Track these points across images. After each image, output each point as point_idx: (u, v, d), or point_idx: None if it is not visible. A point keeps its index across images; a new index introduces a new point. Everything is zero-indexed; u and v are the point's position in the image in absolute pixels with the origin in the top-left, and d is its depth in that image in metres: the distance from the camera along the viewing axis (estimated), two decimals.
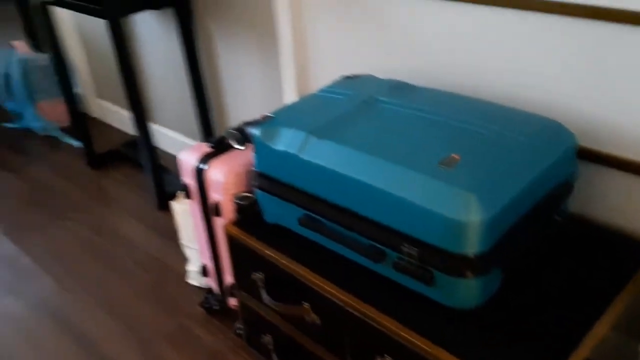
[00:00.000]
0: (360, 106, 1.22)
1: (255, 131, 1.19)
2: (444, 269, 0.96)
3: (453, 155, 1.00)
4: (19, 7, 3.04)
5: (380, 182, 1.01)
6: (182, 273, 1.90)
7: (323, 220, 1.13)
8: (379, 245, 1.05)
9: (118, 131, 2.89)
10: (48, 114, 2.84)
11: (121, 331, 1.70)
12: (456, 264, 0.94)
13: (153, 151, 2.14)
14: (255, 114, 2.11)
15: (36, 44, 3.04)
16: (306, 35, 1.76)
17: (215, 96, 2.24)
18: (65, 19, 2.79)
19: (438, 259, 0.96)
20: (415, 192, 0.97)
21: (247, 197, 1.32)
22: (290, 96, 1.88)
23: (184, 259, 1.95)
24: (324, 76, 1.77)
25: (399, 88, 1.30)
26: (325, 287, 1.12)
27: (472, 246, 0.93)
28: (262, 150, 1.18)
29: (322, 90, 1.34)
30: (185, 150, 1.48)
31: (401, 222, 0.99)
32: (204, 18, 2.09)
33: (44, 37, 2.35)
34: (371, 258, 1.06)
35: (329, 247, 1.17)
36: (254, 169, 1.23)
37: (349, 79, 1.42)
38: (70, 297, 1.85)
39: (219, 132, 2.33)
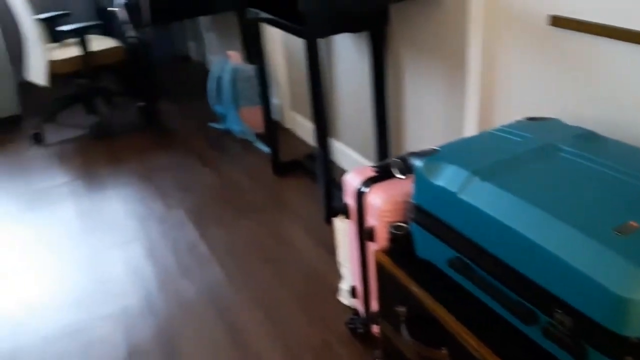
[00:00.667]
0: (537, 152, 1.13)
1: (417, 163, 1.17)
2: (600, 348, 0.84)
3: (631, 222, 0.88)
4: (239, 21, 3.38)
5: (541, 238, 0.92)
6: (335, 289, 1.94)
7: (474, 266, 1.07)
8: (529, 305, 0.96)
9: (304, 143, 3.05)
10: (247, 119, 3.12)
11: (271, 332, 1.78)
12: (615, 345, 0.82)
13: (329, 166, 2.22)
14: (432, 143, 2.07)
15: (248, 56, 3.36)
16: (496, 71, 1.69)
17: (395, 120, 2.26)
18: (275, 34, 3.04)
19: (594, 335, 0.85)
20: (580, 257, 0.87)
21: (402, 227, 1.30)
22: (470, 130, 1.82)
23: (339, 276, 1.99)
24: (508, 114, 1.68)
25: (585, 138, 1.17)
26: (467, 337, 1.05)
27: (636, 329, 0.80)
28: (422, 183, 1.16)
29: (500, 129, 1.27)
30: (351, 171, 1.51)
31: (558, 285, 0.89)
32: (396, 44, 2.12)
33: (254, 49, 2.57)
34: (519, 317, 0.97)
35: (477, 295, 1.10)
36: (411, 200, 1.21)
37: (532, 120, 1.32)
38: (233, 290, 1.99)
39: (394, 155, 2.34)
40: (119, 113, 3.71)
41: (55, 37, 3.50)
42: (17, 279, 2.18)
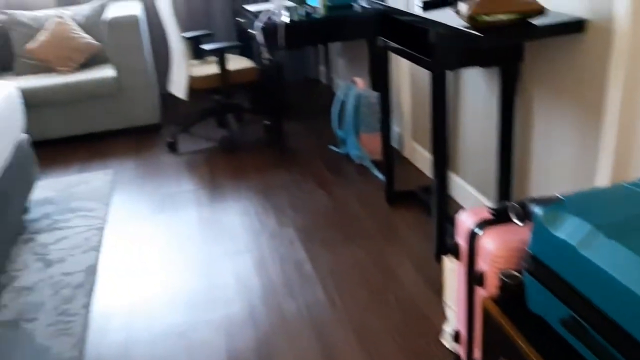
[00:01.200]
0: None
1: (538, 210, 1.10)
2: None
3: None
4: (369, 48, 3.43)
5: None
6: (438, 330, 1.87)
7: (589, 328, 0.98)
8: None
9: (422, 174, 3.01)
10: (366, 145, 3.13)
11: None
12: None
13: (444, 200, 2.16)
14: (557, 190, 1.95)
15: (373, 83, 3.39)
16: (636, 121, 1.56)
17: (520, 162, 2.15)
18: (402, 63, 3.04)
19: None
20: None
21: (514, 276, 1.23)
22: (601, 181, 1.69)
23: (442, 316, 1.91)
24: None
25: None
26: None
27: None
28: (541, 232, 1.09)
29: (634, 183, 1.16)
30: (466, 211, 1.45)
31: None
32: (528, 82, 2.03)
33: (379, 77, 2.59)
34: None
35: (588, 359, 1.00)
36: (527, 249, 1.14)
37: None
38: (333, 313, 1.99)
39: (516, 198, 2.23)
40: (246, 129, 3.90)
41: (198, 54, 3.77)
42: (139, 275, 2.34)
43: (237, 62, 3.63)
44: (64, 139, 3.87)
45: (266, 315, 2.02)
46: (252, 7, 3.73)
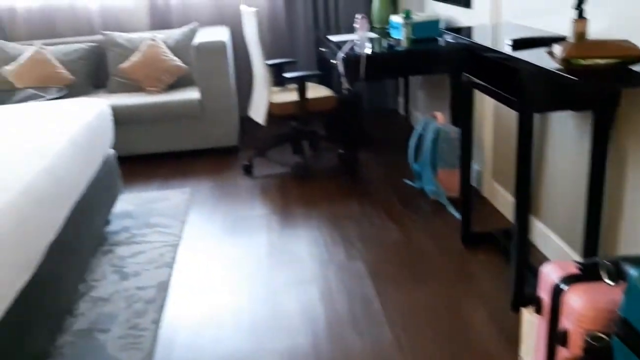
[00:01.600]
0: None
1: (633, 271, 1.02)
2: None
3: None
4: (451, 83, 3.37)
5: None
6: None
7: None
8: None
9: (501, 216, 2.90)
10: (443, 181, 3.06)
11: None
12: None
13: (525, 246, 2.06)
14: None
15: (453, 118, 3.32)
16: None
17: (611, 214, 2.02)
18: (484, 99, 2.97)
19: None
20: None
21: (601, 338, 1.14)
22: None
23: None
24: None
25: None
26: None
27: None
28: (635, 295, 1.00)
29: None
30: (551, 263, 1.37)
31: None
32: (623, 129, 1.92)
33: (462, 113, 2.54)
34: None
35: None
36: (618, 312, 1.05)
37: None
38: (397, 352, 1.93)
39: (603, 253, 2.09)
40: (321, 157, 3.92)
41: (279, 81, 3.84)
42: (207, 295, 2.37)
43: (316, 91, 3.67)
44: (147, 155, 4.03)
45: (330, 350, 1.99)
46: (334, 38, 3.78)
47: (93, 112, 2.71)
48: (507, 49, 2.00)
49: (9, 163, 2.01)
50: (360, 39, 3.32)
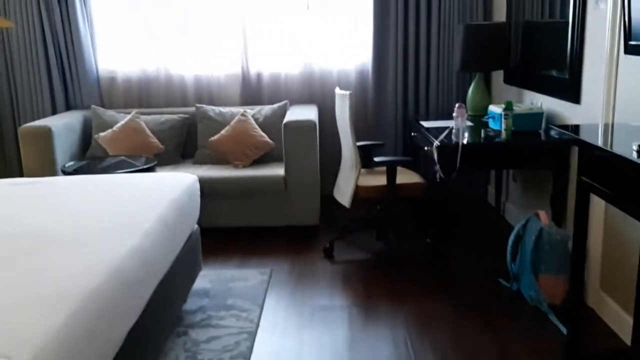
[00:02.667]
0: None
1: None
2: None
3: None
4: (553, 179, 3.14)
5: None
6: None
7: None
8: None
9: (612, 334, 2.57)
10: (545, 288, 2.78)
11: None
12: None
13: None
14: None
15: (557, 218, 3.07)
16: None
17: None
18: (593, 200, 2.71)
19: None
20: None
21: None
22: None
23: None
24: None
25: None
26: None
27: None
28: None
29: None
30: None
31: None
32: None
33: (578, 216, 2.31)
34: None
35: None
36: None
37: None
38: None
39: None
40: (406, 245, 3.72)
41: (366, 163, 3.74)
42: None
43: (405, 176, 3.53)
44: (228, 228, 3.96)
45: None
46: (426, 124, 3.67)
47: (182, 187, 2.67)
48: (634, 155, 1.79)
49: (96, 241, 1.95)
50: (457, 128, 3.19)
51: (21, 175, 4.04)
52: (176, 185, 2.64)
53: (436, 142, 3.10)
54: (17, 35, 4.40)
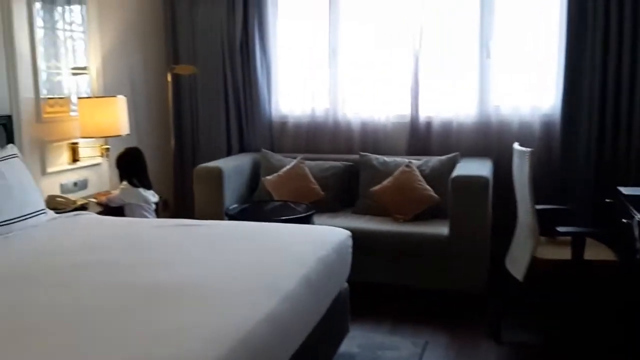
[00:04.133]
0: None
1: None
2: None
3: None
4: None
5: None
6: None
7: None
8: None
9: None
10: None
11: None
12: None
13: None
14: None
15: None
16: None
17: None
18: None
19: None
20: None
21: None
22: None
23: None
24: None
25: None
26: None
27: None
28: None
29: None
30: None
31: None
32: None
33: None
34: None
35: None
36: None
37: None
38: None
39: None
40: (592, 332, 3.10)
41: (546, 230, 3.22)
42: None
43: (594, 251, 2.97)
44: (381, 285, 3.67)
45: None
46: (627, 190, 3.07)
47: (333, 244, 2.47)
48: None
49: (229, 301, 1.79)
50: None
51: (193, 213, 4.17)
52: (327, 242, 2.44)
53: (638, 216, 2.54)
54: (201, 80, 4.64)
